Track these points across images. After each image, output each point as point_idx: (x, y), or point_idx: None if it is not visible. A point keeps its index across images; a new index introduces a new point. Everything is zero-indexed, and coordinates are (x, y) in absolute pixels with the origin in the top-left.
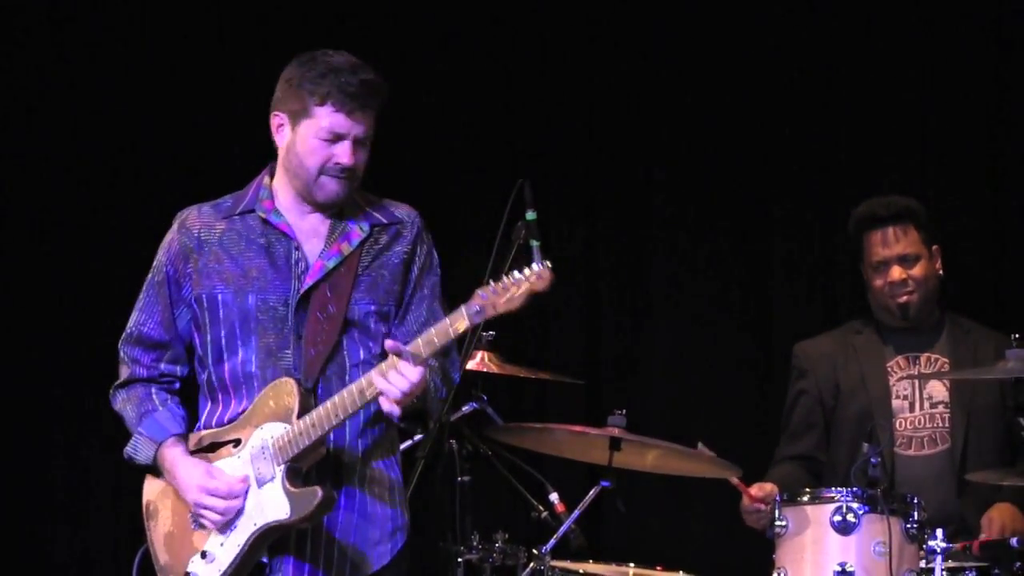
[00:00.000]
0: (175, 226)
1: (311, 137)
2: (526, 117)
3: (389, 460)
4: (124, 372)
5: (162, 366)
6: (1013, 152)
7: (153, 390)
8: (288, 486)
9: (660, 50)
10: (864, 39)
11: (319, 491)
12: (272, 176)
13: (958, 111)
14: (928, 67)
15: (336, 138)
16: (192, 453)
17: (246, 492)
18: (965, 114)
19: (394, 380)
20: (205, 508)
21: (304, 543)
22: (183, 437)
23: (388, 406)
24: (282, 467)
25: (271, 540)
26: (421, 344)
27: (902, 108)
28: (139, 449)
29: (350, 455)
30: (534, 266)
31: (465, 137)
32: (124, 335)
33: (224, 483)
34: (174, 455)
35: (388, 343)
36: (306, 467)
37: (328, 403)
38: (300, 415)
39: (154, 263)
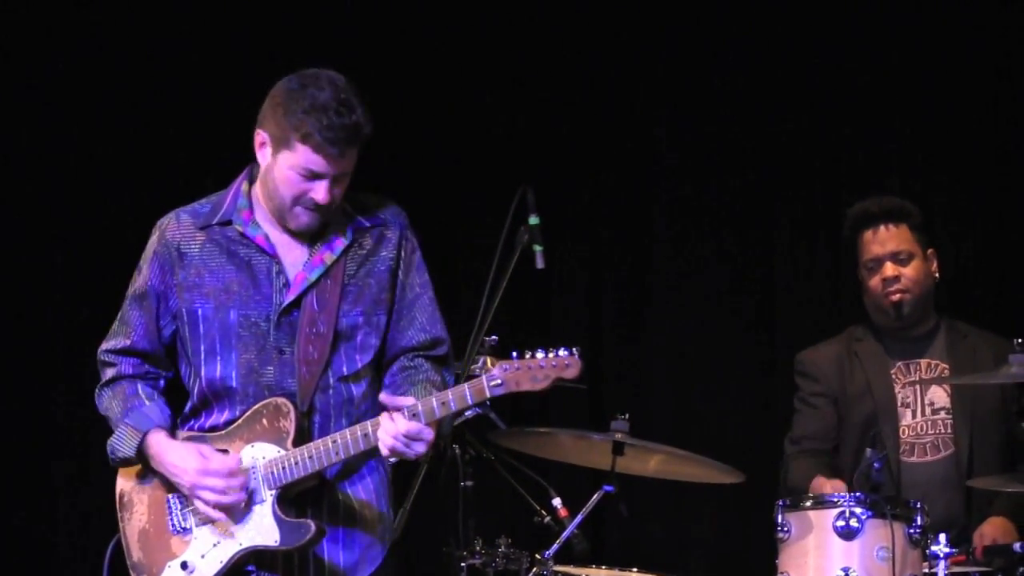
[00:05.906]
0: (155, 237)
1: (288, 168)
2: (529, 121)
3: (377, 482)
4: (109, 372)
5: (147, 367)
6: (1017, 154)
7: (139, 386)
8: (279, 513)
9: (663, 51)
10: (868, 39)
11: (312, 525)
12: (251, 182)
13: (963, 113)
14: (932, 67)
15: (313, 176)
16: None
17: (250, 473)
18: (970, 116)
19: (400, 438)
20: (204, 489)
21: (291, 559)
22: (168, 430)
23: (387, 452)
24: (274, 492)
25: (253, 558)
26: (435, 405)
27: (907, 109)
28: (123, 440)
29: (336, 479)
30: (562, 352)
31: (468, 142)
32: (107, 346)
33: (222, 463)
34: (160, 439)
35: (403, 405)
36: (295, 492)
37: (330, 440)
38: (296, 441)
39: (137, 275)
